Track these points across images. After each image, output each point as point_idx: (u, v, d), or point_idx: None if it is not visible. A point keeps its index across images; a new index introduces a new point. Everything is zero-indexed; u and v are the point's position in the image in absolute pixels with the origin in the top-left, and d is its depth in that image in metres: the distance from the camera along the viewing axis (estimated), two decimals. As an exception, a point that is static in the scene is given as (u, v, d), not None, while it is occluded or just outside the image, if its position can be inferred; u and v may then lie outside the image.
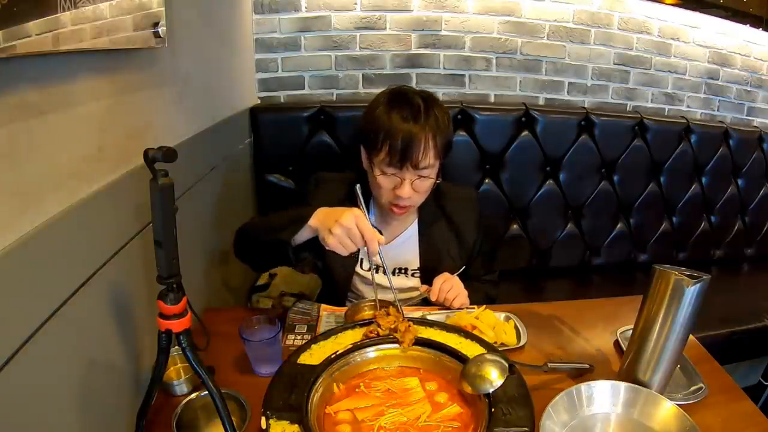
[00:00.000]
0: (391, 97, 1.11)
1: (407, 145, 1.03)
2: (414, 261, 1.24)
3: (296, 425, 0.70)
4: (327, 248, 0.90)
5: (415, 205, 1.16)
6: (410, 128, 1.04)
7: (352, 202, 1.13)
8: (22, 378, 0.57)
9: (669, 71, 2.03)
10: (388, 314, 0.93)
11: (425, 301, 1.22)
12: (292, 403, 0.73)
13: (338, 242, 0.89)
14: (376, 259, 1.21)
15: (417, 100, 1.08)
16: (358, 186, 0.95)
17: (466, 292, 1.13)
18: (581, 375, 0.93)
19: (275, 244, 0.98)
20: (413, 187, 1.08)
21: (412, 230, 1.23)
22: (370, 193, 1.18)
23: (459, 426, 0.77)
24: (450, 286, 1.12)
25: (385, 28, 1.77)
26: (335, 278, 1.21)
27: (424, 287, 1.15)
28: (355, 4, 1.73)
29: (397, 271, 1.24)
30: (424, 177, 1.09)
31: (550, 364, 0.89)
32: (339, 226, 0.87)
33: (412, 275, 1.24)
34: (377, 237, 0.89)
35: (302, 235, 0.96)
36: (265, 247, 1.03)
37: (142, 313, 0.85)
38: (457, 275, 1.23)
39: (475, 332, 0.96)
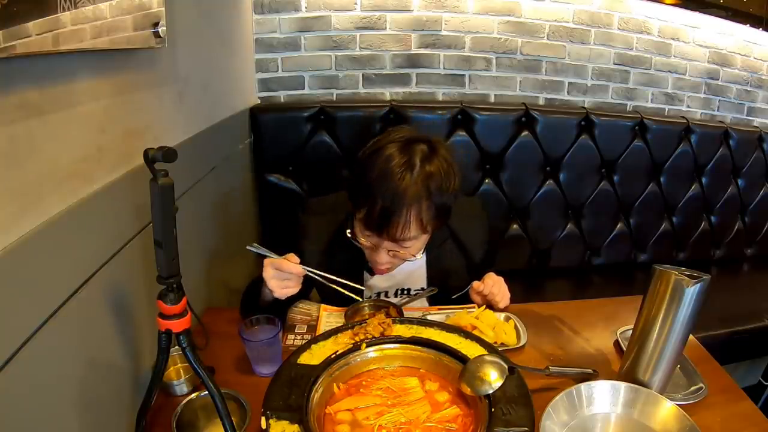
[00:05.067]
0: (389, 145, 0.95)
1: (386, 215, 0.91)
2: (419, 280, 1.18)
3: (296, 425, 0.70)
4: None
5: (396, 266, 1.09)
6: (392, 194, 0.90)
7: (342, 236, 1.06)
8: (22, 378, 0.57)
9: (669, 71, 2.03)
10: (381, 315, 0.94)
11: (427, 301, 1.22)
12: (292, 403, 0.73)
13: (281, 289, 0.93)
14: (380, 286, 1.18)
15: (415, 158, 0.92)
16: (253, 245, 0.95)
17: (509, 296, 1.12)
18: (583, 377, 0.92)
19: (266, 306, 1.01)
20: (390, 254, 1.01)
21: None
22: None
23: (459, 426, 0.77)
24: (499, 288, 1.10)
25: (385, 28, 1.77)
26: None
27: (476, 283, 1.11)
28: (355, 4, 1.73)
29: (399, 292, 1.19)
30: (405, 249, 0.99)
31: (552, 368, 0.89)
32: (269, 281, 0.92)
33: (416, 295, 1.20)
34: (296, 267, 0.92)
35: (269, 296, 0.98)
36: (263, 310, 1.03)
37: (142, 313, 0.85)
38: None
39: (475, 332, 0.96)
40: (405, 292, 1.20)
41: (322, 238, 1.13)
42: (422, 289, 1.19)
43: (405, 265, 1.12)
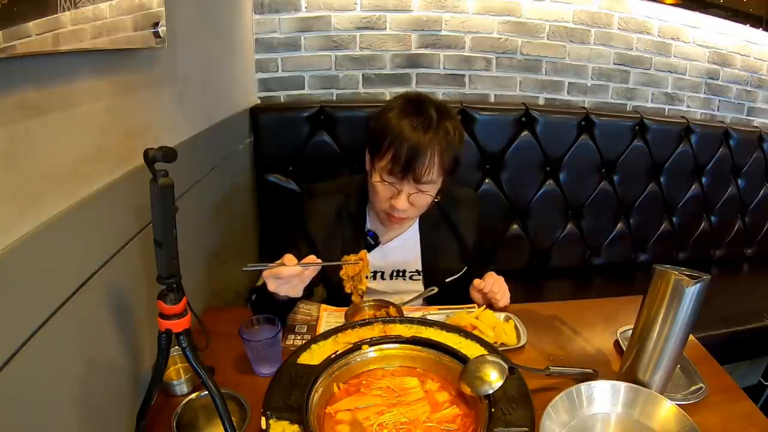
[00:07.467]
0: (405, 103, 1.08)
1: (412, 156, 1.01)
2: (414, 263, 1.23)
3: (296, 425, 0.70)
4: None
5: (410, 218, 1.14)
6: (418, 138, 1.01)
7: (344, 214, 1.18)
8: (22, 378, 0.57)
9: (669, 71, 2.03)
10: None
11: (426, 302, 1.22)
12: (292, 403, 0.73)
13: (291, 290, 0.93)
14: (376, 265, 1.21)
15: (431, 111, 1.06)
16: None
17: (509, 295, 1.14)
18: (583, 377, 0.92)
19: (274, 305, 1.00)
20: (410, 200, 1.07)
21: (412, 231, 1.23)
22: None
23: (459, 426, 0.77)
24: (500, 287, 1.12)
25: (385, 28, 1.77)
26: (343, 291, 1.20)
27: (477, 281, 1.13)
28: (355, 4, 1.73)
29: (395, 273, 1.23)
30: (424, 192, 1.07)
31: (552, 368, 0.89)
32: (277, 290, 0.92)
33: (411, 278, 1.23)
34: (297, 269, 0.91)
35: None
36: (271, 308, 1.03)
37: (142, 313, 0.85)
38: (459, 276, 1.23)
39: (475, 332, 0.96)
40: (400, 274, 1.23)
41: (326, 218, 1.19)
42: (417, 271, 1.23)
43: (400, 245, 1.22)
